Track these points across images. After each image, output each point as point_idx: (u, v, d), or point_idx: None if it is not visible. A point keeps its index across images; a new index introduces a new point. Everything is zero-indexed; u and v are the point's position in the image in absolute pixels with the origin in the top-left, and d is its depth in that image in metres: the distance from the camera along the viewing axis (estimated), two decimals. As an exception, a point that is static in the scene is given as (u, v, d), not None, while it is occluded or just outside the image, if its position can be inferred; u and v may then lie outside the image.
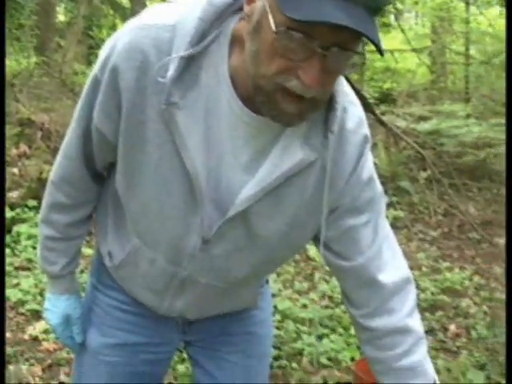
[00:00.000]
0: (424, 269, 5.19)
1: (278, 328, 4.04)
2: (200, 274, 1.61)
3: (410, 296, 1.64)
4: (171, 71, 1.35)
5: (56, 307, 1.86)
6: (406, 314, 1.62)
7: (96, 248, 1.86)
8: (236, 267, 1.61)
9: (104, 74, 1.43)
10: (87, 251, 4.28)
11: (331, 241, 1.56)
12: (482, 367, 3.77)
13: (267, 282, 1.92)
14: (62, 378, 3.55)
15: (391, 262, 1.61)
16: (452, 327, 4.32)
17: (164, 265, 1.62)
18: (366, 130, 1.51)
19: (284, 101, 1.30)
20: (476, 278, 5.10)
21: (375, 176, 1.57)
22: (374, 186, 1.57)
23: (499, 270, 5.28)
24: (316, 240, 1.60)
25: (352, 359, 3.69)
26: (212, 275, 1.62)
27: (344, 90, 1.47)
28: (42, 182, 4.67)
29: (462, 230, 6.05)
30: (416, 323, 1.64)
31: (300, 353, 3.88)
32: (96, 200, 1.76)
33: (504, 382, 3.54)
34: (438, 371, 1.69)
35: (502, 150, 6.96)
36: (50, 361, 3.75)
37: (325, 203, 1.48)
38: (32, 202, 5.42)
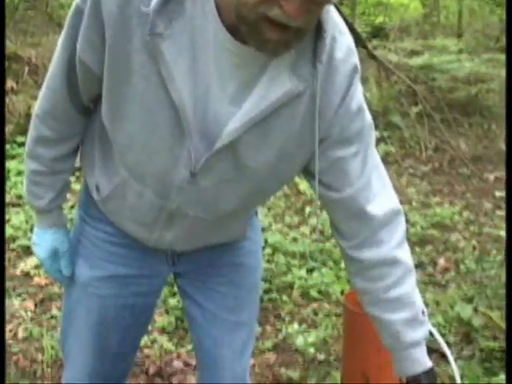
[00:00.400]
0: (414, 203, 5.21)
1: (268, 261, 4.07)
2: (188, 206, 1.61)
3: (400, 228, 1.64)
4: (154, 1, 1.32)
5: (43, 241, 1.86)
6: (395, 245, 1.62)
7: (83, 181, 1.84)
8: (224, 199, 1.60)
9: (86, 2, 1.40)
10: (77, 187, 4.27)
11: (321, 172, 1.55)
12: (469, 300, 3.81)
13: (256, 213, 1.92)
14: (54, 312, 3.57)
15: (381, 194, 1.60)
16: (441, 261, 4.36)
17: (152, 198, 1.61)
18: (355, 59, 1.49)
19: (268, 30, 1.28)
20: (465, 213, 5.13)
21: (365, 107, 1.55)
22: (363, 116, 1.55)
23: (488, 205, 5.30)
24: (305, 173, 1.60)
25: (342, 292, 3.73)
26: (200, 208, 1.61)
27: (333, 19, 1.44)
28: (30, 117, 4.59)
29: (453, 166, 6.06)
30: (405, 255, 1.65)
31: (290, 286, 3.91)
32: (82, 134, 1.74)
33: (491, 313, 3.59)
34: (426, 304, 1.71)
35: (494, 85, 6.93)
36: (41, 295, 3.78)
37: (316, 133, 1.46)
38: (21, 138, 5.38)
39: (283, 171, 1.57)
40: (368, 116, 1.57)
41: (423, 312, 1.66)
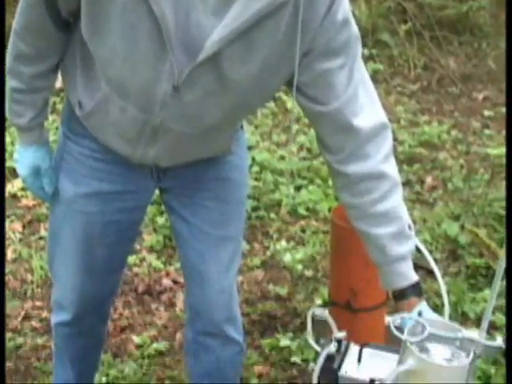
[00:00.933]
0: (402, 122, 5.18)
1: (256, 179, 4.06)
2: (172, 121, 1.60)
3: (386, 142, 1.63)
4: None
5: (25, 158, 1.86)
6: (382, 159, 1.62)
7: (66, 98, 1.82)
8: (208, 113, 1.59)
9: None
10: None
11: (306, 85, 1.55)
12: (456, 218, 3.83)
13: (242, 127, 1.90)
14: (43, 233, 3.58)
15: (367, 107, 1.59)
16: (429, 179, 4.36)
17: (135, 113, 1.60)
18: None
19: None
20: (454, 132, 5.10)
21: (351, 18, 1.53)
22: (349, 28, 1.53)
23: (477, 124, 5.27)
24: (290, 86, 1.58)
25: (330, 210, 3.73)
26: (184, 122, 1.61)
27: None
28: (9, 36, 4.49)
29: (442, 84, 6.00)
30: (391, 169, 1.65)
31: (278, 203, 3.92)
32: (62, 51, 1.71)
33: (478, 231, 3.62)
34: (413, 222, 1.71)
35: (485, 3, 6.80)
36: (29, 217, 3.78)
37: (298, 41, 1.45)
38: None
39: (267, 84, 1.56)
40: (354, 28, 1.55)
41: (410, 226, 1.67)
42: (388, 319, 1.78)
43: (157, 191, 1.97)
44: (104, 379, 2.67)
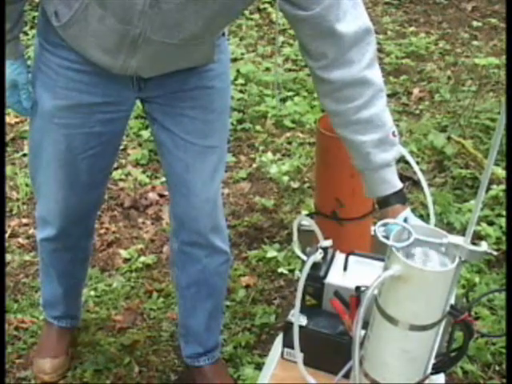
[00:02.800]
0: (389, 33, 5.11)
1: (241, 91, 4.02)
2: (152, 31, 1.58)
3: (370, 47, 1.61)
4: None
5: None
6: (366, 65, 1.60)
7: (40, 8, 1.77)
8: (188, 22, 1.56)
9: None
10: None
11: None
12: (443, 129, 3.83)
13: (223, 34, 1.85)
14: (26, 150, 3.54)
15: (350, 12, 1.56)
16: (415, 91, 4.33)
17: (114, 23, 1.57)
18: None
19: None
20: (441, 43, 5.05)
21: None
22: None
23: (465, 35, 5.21)
24: None
25: (315, 122, 3.71)
26: (164, 32, 1.58)
27: None
28: None
29: (430, -6, 5.90)
30: (375, 75, 1.62)
31: (264, 115, 3.90)
32: None
33: (464, 142, 3.61)
34: (400, 133, 1.70)
35: None
36: (12, 135, 3.76)
37: None
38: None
39: None
40: None
41: (394, 133, 1.65)
42: (374, 227, 1.79)
43: (140, 104, 1.93)
44: (92, 293, 2.70)
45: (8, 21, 1.74)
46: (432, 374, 1.43)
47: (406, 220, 1.57)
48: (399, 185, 1.65)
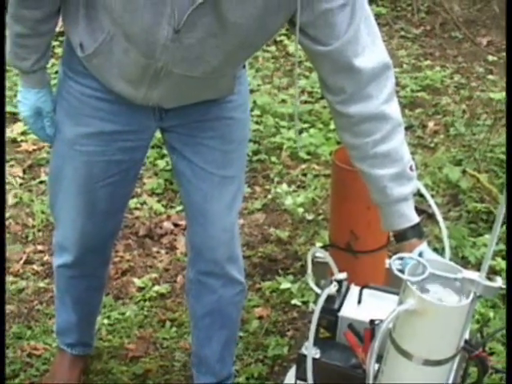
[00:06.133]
0: (405, 66, 5.13)
1: (257, 123, 4.04)
2: (174, 64, 1.61)
3: (389, 82, 1.62)
4: None
5: (27, 100, 1.86)
6: (384, 100, 1.61)
7: (65, 40, 1.82)
8: (209, 56, 1.59)
9: None
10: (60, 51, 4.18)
11: (307, 25, 1.53)
12: (458, 163, 3.82)
13: (244, 66, 1.88)
14: (43, 177, 3.58)
15: (369, 47, 1.58)
16: (430, 124, 4.34)
17: (137, 56, 1.61)
18: None
19: None
20: (456, 77, 5.06)
21: None
22: None
23: (480, 69, 5.22)
24: (291, 25, 1.56)
25: (331, 153, 3.71)
26: (186, 65, 1.61)
27: None
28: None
29: (445, 29, 5.93)
30: (394, 110, 1.64)
31: (279, 147, 3.91)
32: None
33: (479, 176, 3.60)
34: (415, 166, 1.70)
35: None
36: (30, 161, 3.78)
37: None
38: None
39: (267, 24, 1.54)
40: None
41: (411, 167, 1.66)
42: (389, 260, 1.79)
43: (158, 134, 1.96)
44: (105, 321, 2.70)
45: (36, 52, 1.79)
46: (446, 409, 1.43)
47: (421, 254, 1.57)
48: (416, 219, 1.66)
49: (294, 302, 2.81)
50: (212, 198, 1.92)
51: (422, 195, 1.87)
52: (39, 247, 3.13)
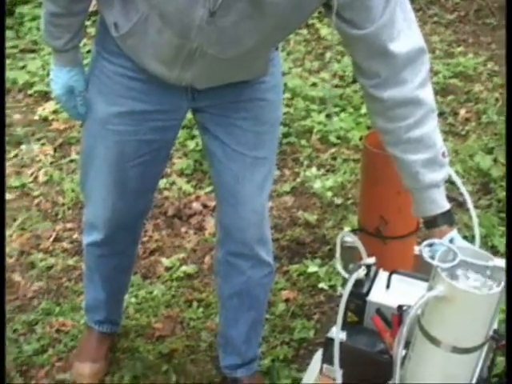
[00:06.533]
0: (437, 52, 5.07)
1: (287, 105, 4.02)
2: (208, 46, 1.60)
3: (423, 67, 1.61)
4: None
5: (60, 78, 1.87)
6: (418, 85, 1.60)
7: (99, 19, 1.82)
8: (244, 37, 1.58)
9: None
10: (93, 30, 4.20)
11: (343, 7, 1.52)
12: (489, 151, 3.78)
13: (277, 48, 1.87)
14: (74, 156, 3.62)
15: (404, 31, 1.57)
16: (462, 111, 4.29)
17: (171, 36, 1.61)
18: None
19: None
20: (490, 64, 4.99)
21: None
22: None
23: (514, 55, 5.15)
24: (326, 8, 1.55)
25: (361, 138, 3.70)
26: (220, 47, 1.61)
27: None
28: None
29: (479, 15, 5.84)
30: (428, 95, 1.63)
31: (309, 130, 3.89)
32: None
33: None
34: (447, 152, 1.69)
35: None
36: (60, 140, 3.81)
37: None
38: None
39: (303, 5, 1.53)
40: None
41: (444, 154, 1.65)
42: (418, 247, 1.78)
43: (188, 114, 1.96)
44: (133, 300, 2.72)
45: (70, 31, 1.80)
46: (472, 398, 1.42)
47: (452, 241, 1.57)
48: (447, 205, 1.65)
49: (321, 285, 2.81)
50: (243, 179, 1.92)
51: (452, 183, 1.86)
52: (68, 225, 3.16)
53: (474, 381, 1.41)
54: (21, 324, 2.61)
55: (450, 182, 1.77)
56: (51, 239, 3.06)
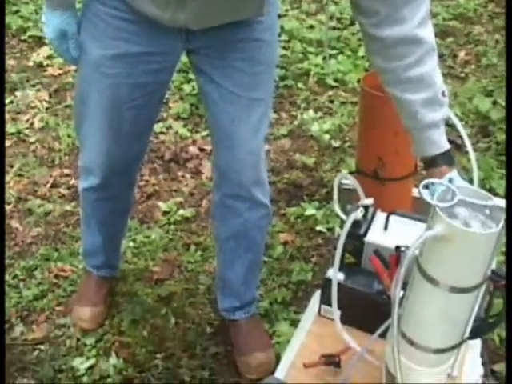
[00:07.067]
0: (437, -6, 5.01)
1: (284, 48, 3.99)
2: None
3: (423, 7, 1.59)
4: None
5: (51, 21, 1.83)
6: (418, 23, 1.57)
7: None
8: None
9: None
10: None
11: None
12: (489, 93, 3.75)
13: None
14: (69, 101, 3.58)
15: None
16: (461, 54, 4.25)
17: None
18: None
19: None
20: (491, 6, 4.93)
21: None
22: None
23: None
24: None
25: (358, 81, 3.67)
26: None
27: None
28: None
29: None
30: (428, 34, 1.60)
31: (306, 73, 3.86)
32: None
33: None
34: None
35: None
36: (56, 86, 3.77)
37: None
38: None
39: None
40: None
41: (443, 93, 1.64)
42: (416, 189, 1.77)
43: (184, 58, 1.93)
44: (131, 244, 2.73)
45: None
46: (469, 338, 1.42)
47: (451, 181, 1.55)
48: (446, 146, 1.63)
49: (318, 228, 2.82)
50: (239, 121, 1.90)
51: (451, 125, 1.84)
52: (65, 171, 3.15)
53: (472, 320, 1.41)
54: (20, 270, 2.62)
55: (448, 124, 1.76)
56: (48, 185, 3.05)
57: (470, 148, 1.84)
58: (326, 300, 1.59)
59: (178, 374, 2.25)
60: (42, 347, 2.33)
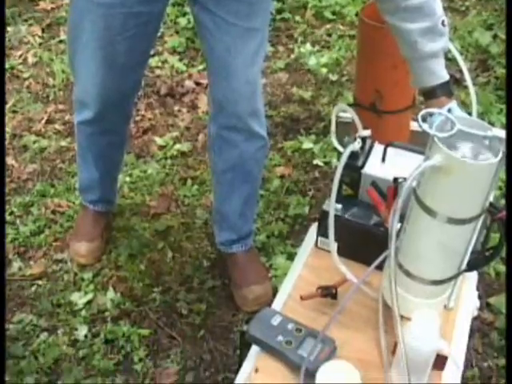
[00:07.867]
0: None
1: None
2: None
3: None
4: None
5: None
6: None
7: None
8: None
9: None
10: None
11: None
12: (489, 27, 3.70)
13: None
14: (63, 36, 3.53)
15: None
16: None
17: None
18: None
19: None
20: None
21: None
22: None
23: None
24: None
25: (356, 14, 3.61)
26: None
27: None
28: None
29: None
30: None
31: (304, 6, 3.81)
32: None
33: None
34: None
35: None
36: (48, 20, 3.71)
37: None
38: None
39: None
40: None
41: (443, 22, 1.61)
42: (415, 123, 1.75)
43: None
44: (127, 179, 2.72)
45: None
46: (465, 270, 1.42)
47: (450, 111, 1.54)
48: (446, 76, 1.62)
49: (315, 162, 2.81)
50: (235, 51, 1.86)
51: (450, 59, 1.81)
52: (60, 106, 3.12)
53: (469, 252, 1.41)
54: (17, 206, 2.61)
55: (447, 58, 1.73)
56: (43, 121, 3.03)
57: (469, 81, 1.83)
58: (322, 232, 1.58)
59: (175, 307, 2.27)
60: (40, 282, 2.34)
